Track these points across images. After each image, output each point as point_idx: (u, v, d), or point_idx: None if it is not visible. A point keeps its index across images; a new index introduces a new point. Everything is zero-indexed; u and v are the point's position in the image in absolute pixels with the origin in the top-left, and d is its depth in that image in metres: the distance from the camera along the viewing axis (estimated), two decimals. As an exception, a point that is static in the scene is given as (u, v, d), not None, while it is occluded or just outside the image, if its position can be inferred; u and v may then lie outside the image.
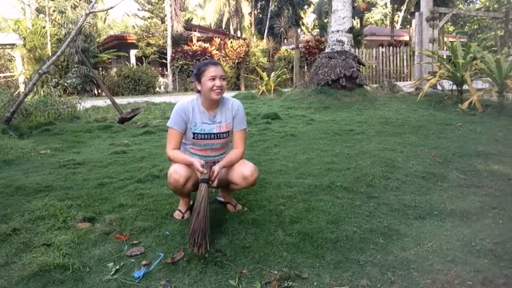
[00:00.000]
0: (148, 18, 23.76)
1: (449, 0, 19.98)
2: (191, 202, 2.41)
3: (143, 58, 18.11)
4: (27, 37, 15.18)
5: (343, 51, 8.47)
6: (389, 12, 27.02)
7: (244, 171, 2.23)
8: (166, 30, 18.26)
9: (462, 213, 2.45)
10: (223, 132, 2.32)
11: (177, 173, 2.17)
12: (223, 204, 2.53)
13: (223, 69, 2.27)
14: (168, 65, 17.94)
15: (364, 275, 1.79)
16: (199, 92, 2.28)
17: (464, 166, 3.40)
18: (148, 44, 18.46)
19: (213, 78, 2.18)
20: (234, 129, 2.35)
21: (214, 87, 2.18)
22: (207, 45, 17.80)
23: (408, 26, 23.97)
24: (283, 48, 19.47)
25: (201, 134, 2.28)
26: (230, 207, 2.48)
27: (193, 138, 2.29)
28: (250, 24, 24.50)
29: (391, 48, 16.88)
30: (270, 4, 23.19)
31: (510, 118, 5.58)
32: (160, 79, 18.53)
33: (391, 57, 16.56)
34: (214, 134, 2.30)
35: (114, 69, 17.85)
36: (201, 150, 2.34)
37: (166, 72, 18.90)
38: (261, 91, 11.22)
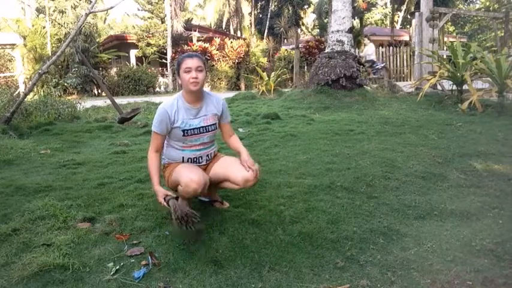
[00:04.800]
0: (149, 18, 23.74)
1: (449, 0, 20.00)
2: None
3: (143, 58, 18.12)
4: (28, 37, 15.18)
5: (343, 51, 8.46)
6: (389, 12, 27.00)
7: (246, 175, 2.22)
8: (166, 30, 18.26)
9: (462, 213, 2.45)
10: (210, 125, 2.35)
11: (194, 182, 2.11)
12: (209, 203, 2.53)
13: (201, 61, 2.27)
14: (168, 65, 17.93)
15: (364, 275, 1.79)
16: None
17: (464, 166, 3.40)
18: (148, 44, 18.46)
19: (189, 70, 2.21)
20: (222, 122, 2.44)
21: (191, 79, 2.21)
22: (207, 45, 17.79)
23: (408, 26, 23.96)
24: (283, 48, 19.47)
25: (190, 129, 2.28)
26: (218, 204, 2.50)
27: (184, 135, 2.28)
28: (250, 24, 24.50)
29: (391, 48, 16.88)
30: (270, 4, 23.21)
31: (510, 118, 5.58)
32: (160, 79, 18.52)
33: (391, 57, 16.56)
34: (202, 127, 2.31)
35: (114, 69, 17.84)
36: (191, 146, 2.34)
37: (166, 72, 18.89)
38: (261, 91, 11.21)
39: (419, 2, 9.84)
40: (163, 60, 18.62)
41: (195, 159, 2.35)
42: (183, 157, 2.33)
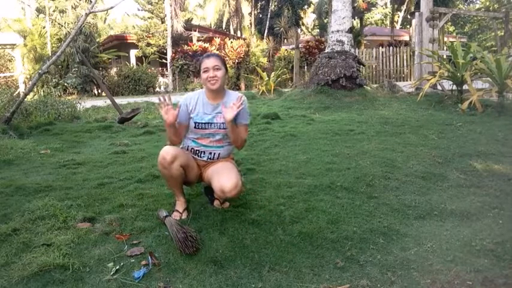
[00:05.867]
0: (149, 18, 23.72)
1: (449, 0, 19.99)
2: (185, 205, 2.43)
3: (143, 58, 18.12)
4: (28, 37, 15.17)
5: (343, 51, 8.46)
6: (390, 12, 27.00)
7: (224, 185, 2.16)
8: (166, 30, 18.26)
9: (462, 213, 2.45)
10: (223, 122, 2.36)
11: (164, 150, 2.24)
12: (210, 198, 2.54)
13: (218, 60, 2.33)
14: (168, 65, 17.94)
15: (364, 275, 1.79)
16: None
17: (464, 166, 3.40)
18: (148, 44, 18.46)
19: (207, 70, 2.30)
20: (237, 122, 2.37)
21: (209, 78, 2.30)
22: (207, 45, 17.80)
23: (408, 26, 23.93)
24: (283, 48, 19.47)
25: (201, 123, 2.37)
26: (217, 202, 2.49)
27: (195, 127, 2.38)
28: (250, 24, 24.47)
29: (391, 48, 16.89)
30: (270, 4, 23.18)
31: (510, 118, 5.58)
32: (160, 79, 18.53)
33: (391, 57, 16.56)
34: (214, 123, 2.37)
35: (114, 69, 17.85)
36: (201, 138, 2.41)
37: (166, 72, 18.90)
38: (261, 91, 11.21)
39: (419, 2, 9.83)
40: (163, 60, 18.63)
41: (197, 151, 2.42)
42: (188, 146, 2.43)
